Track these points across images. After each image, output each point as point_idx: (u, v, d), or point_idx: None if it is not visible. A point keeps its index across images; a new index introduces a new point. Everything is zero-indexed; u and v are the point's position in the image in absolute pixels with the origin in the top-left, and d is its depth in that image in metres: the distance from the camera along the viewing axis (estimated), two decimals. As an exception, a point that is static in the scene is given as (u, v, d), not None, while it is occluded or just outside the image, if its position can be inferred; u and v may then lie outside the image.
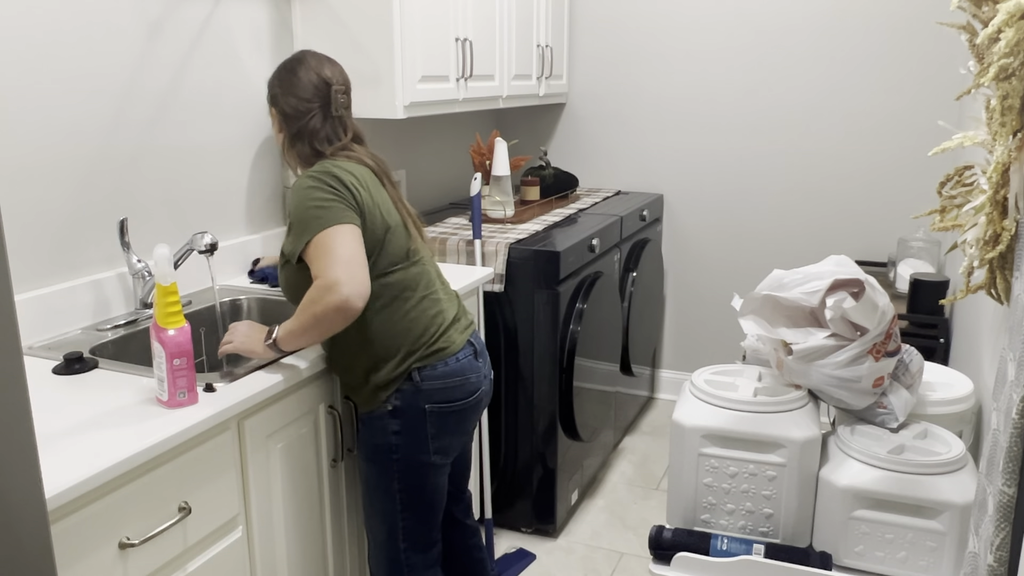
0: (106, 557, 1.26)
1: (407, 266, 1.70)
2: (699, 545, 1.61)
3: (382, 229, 1.66)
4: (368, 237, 1.62)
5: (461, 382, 1.73)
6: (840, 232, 3.38)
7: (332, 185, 1.60)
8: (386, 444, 1.71)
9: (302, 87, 1.71)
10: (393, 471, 1.73)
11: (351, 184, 1.62)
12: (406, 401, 1.69)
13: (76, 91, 1.81)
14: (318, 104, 1.71)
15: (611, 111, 3.63)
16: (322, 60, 1.75)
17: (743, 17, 3.34)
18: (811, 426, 1.61)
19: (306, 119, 1.71)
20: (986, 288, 1.37)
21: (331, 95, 1.71)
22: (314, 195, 1.58)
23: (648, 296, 3.37)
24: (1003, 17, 1.13)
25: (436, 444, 1.73)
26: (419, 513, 1.77)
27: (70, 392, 1.49)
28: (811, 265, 1.67)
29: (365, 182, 1.66)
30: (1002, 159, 1.23)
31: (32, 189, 1.74)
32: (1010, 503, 1.10)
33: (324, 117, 1.72)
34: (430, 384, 1.69)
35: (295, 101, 1.71)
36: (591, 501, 2.95)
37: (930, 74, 3.12)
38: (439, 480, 1.78)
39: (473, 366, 1.77)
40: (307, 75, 1.71)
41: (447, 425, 1.73)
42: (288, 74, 1.73)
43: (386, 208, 1.69)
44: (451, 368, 1.72)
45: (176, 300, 1.42)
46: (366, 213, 1.63)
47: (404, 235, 1.71)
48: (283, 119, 1.74)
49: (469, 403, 1.76)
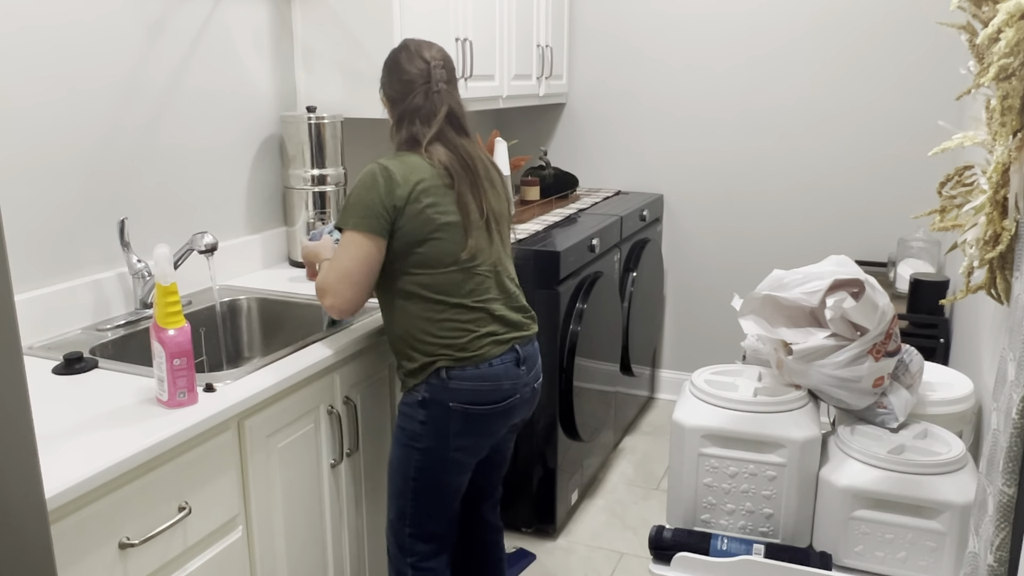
0: (106, 557, 1.26)
1: (448, 271, 1.71)
2: (699, 545, 1.60)
3: (427, 230, 1.69)
4: (401, 239, 1.69)
5: (492, 387, 1.74)
6: (840, 232, 3.38)
7: (381, 187, 1.67)
8: (411, 431, 1.75)
9: (403, 70, 1.77)
10: (413, 459, 1.76)
11: (398, 189, 1.67)
12: (433, 394, 1.72)
13: (76, 91, 1.81)
14: (421, 83, 1.76)
15: (611, 111, 3.63)
16: (421, 44, 1.81)
17: (743, 17, 3.34)
18: (811, 426, 1.61)
19: (410, 99, 1.76)
20: (986, 288, 1.37)
21: (431, 72, 1.76)
22: (361, 193, 1.69)
23: (648, 296, 3.37)
24: (1003, 17, 1.13)
25: (458, 442, 1.74)
26: (429, 505, 1.79)
27: (70, 392, 1.49)
28: (811, 265, 1.67)
29: (422, 185, 1.69)
30: (1002, 159, 1.23)
31: (32, 189, 1.74)
32: (1010, 503, 1.10)
33: (426, 95, 1.76)
34: (458, 384, 1.71)
35: (399, 85, 1.77)
36: (591, 501, 2.95)
37: (930, 74, 3.12)
38: (456, 478, 1.79)
39: (510, 373, 1.77)
40: (408, 58, 1.77)
41: (471, 426, 1.74)
42: (392, 62, 1.80)
43: (442, 208, 1.70)
44: (482, 372, 1.73)
45: (176, 300, 1.42)
46: (405, 216, 1.68)
47: (458, 239, 1.71)
48: (390, 104, 1.81)
49: (497, 408, 1.76)
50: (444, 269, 1.71)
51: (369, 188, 1.68)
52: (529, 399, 1.85)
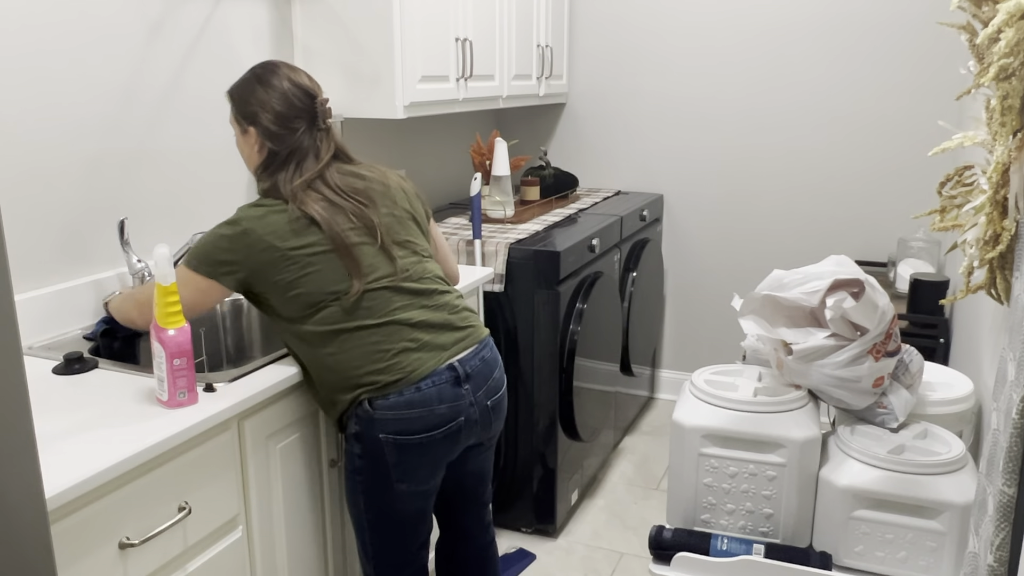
0: (106, 557, 1.26)
1: (337, 302, 1.56)
2: (699, 545, 1.60)
3: (298, 271, 1.55)
4: (274, 287, 1.57)
5: (421, 414, 1.58)
6: (840, 232, 3.38)
7: (236, 244, 1.55)
8: (352, 466, 1.65)
9: (284, 100, 1.62)
10: (359, 492, 1.66)
11: (256, 241, 1.54)
12: (363, 427, 1.59)
13: (76, 91, 1.81)
14: (305, 119, 1.63)
15: (611, 111, 3.63)
16: (295, 68, 1.67)
17: (743, 17, 3.33)
18: (811, 426, 1.61)
19: (295, 137, 1.62)
20: (986, 288, 1.37)
21: (316, 107, 1.65)
22: (218, 242, 1.56)
23: (648, 296, 3.37)
24: (1003, 17, 1.13)
25: (399, 472, 1.62)
26: (387, 536, 1.69)
27: (70, 392, 1.49)
28: (811, 265, 1.67)
29: (280, 233, 1.55)
30: (1002, 159, 1.23)
31: (32, 189, 1.74)
32: (1010, 503, 1.10)
33: (311, 132, 1.64)
34: (382, 414, 1.57)
35: (279, 118, 1.62)
36: (591, 501, 2.95)
37: (930, 74, 3.12)
38: (410, 505, 1.67)
39: (446, 395, 1.60)
40: (285, 85, 1.63)
41: (409, 456, 1.60)
42: (263, 86, 1.63)
43: (313, 251, 1.56)
44: (408, 398, 1.56)
45: (176, 300, 1.42)
46: (267, 268, 1.55)
47: (336, 270, 1.57)
48: (265, 138, 1.63)
49: (435, 436, 1.60)
50: (329, 302, 1.57)
51: (223, 238, 1.57)
52: (480, 420, 1.68)
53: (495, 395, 1.72)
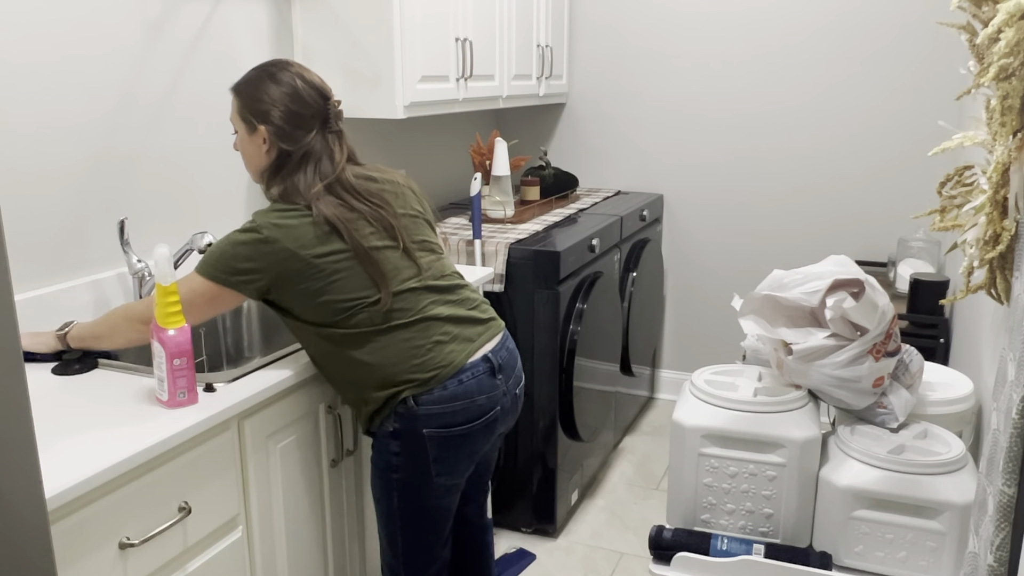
0: (106, 557, 1.26)
1: (367, 305, 1.56)
2: (699, 545, 1.61)
3: (324, 279, 1.53)
4: (299, 295, 1.55)
5: (464, 406, 1.61)
6: (840, 232, 3.38)
7: (256, 252, 1.51)
8: (387, 464, 1.64)
9: (297, 98, 1.59)
10: (393, 489, 1.66)
11: (279, 250, 1.51)
12: (404, 424, 1.60)
13: (76, 91, 1.81)
14: (318, 119, 1.61)
15: (611, 111, 3.63)
16: (305, 67, 1.66)
17: (743, 17, 3.33)
18: (811, 426, 1.61)
19: (308, 138, 1.59)
20: (986, 288, 1.37)
21: (329, 108, 1.63)
22: (237, 250, 1.52)
23: (648, 296, 3.37)
24: (1003, 17, 1.13)
25: (439, 467, 1.64)
26: (419, 532, 1.71)
27: (70, 392, 1.49)
28: (811, 265, 1.67)
29: (303, 242, 1.52)
30: (1002, 159, 1.23)
31: (32, 189, 1.74)
32: (1010, 503, 1.10)
33: (323, 134, 1.62)
34: (427, 409, 1.58)
35: (293, 116, 1.59)
36: (591, 501, 2.95)
37: (930, 74, 3.12)
38: (444, 501, 1.69)
39: (485, 385, 1.63)
40: (298, 83, 1.60)
41: (450, 449, 1.63)
42: (275, 82, 1.59)
43: (338, 258, 1.54)
44: (451, 392, 1.59)
45: (176, 300, 1.42)
46: (291, 276, 1.53)
47: (364, 275, 1.56)
48: (277, 138, 1.59)
49: (476, 426, 1.64)
50: (359, 305, 1.56)
51: (244, 245, 1.53)
52: (511, 408, 1.73)
53: (519, 385, 1.77)
